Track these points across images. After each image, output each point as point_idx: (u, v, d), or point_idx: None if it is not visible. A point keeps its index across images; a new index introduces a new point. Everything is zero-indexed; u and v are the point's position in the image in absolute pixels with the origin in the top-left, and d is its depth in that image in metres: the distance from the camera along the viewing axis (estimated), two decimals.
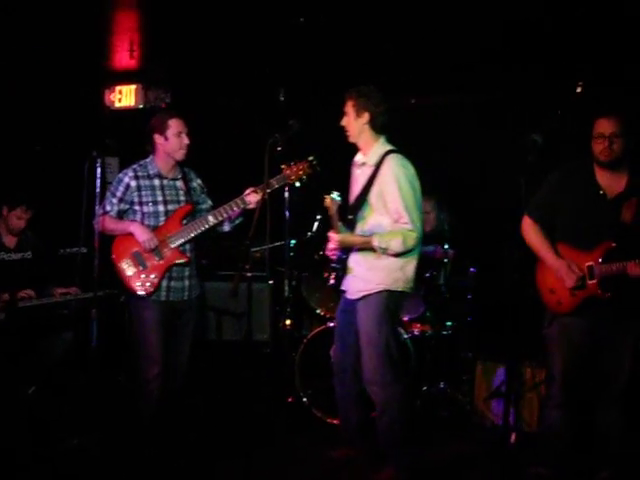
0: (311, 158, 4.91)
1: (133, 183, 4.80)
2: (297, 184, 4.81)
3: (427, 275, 6.15)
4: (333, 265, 4.76)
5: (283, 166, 4.75)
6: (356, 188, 4.78)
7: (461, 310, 6.25)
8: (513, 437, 5.09)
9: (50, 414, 5.46)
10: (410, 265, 4.64)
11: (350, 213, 4.72)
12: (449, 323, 6.20)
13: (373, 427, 4.73)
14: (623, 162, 4.27)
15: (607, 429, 4.39)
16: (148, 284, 4.73)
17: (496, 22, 5.75)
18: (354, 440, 4.91)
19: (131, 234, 4.75)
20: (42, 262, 5.73)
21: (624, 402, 4.35)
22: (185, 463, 4.91)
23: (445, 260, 6.14)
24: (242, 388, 5.70)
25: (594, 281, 4.22)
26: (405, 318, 6.18)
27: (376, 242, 4.50)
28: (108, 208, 4.80)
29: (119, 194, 4.80)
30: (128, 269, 4.73)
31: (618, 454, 4.41)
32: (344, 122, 4.73)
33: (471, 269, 6.21)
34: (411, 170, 4.62)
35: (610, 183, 4.29)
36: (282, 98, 7.60)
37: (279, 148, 4.57)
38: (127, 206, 4.82)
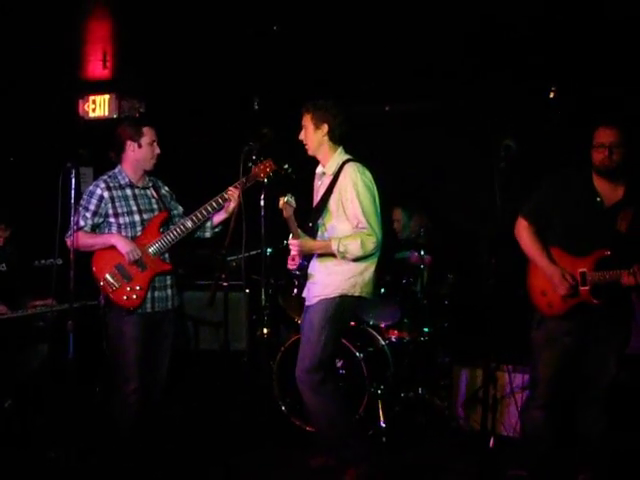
0: (286, 166, 4.91)
1: (106, 194, 4.69)
2: (265, 181, 4.84)
3: (404, 281, 6.17)
4: (295, 274, 4.78)
5: (251, 165, 4.76)
6: (316, 198, 4.84)
7: (438, 316, 6.28)
8: (492, 442, 5.11)
9: (27, 427, 5.42)
10: (369, 270, 4.69)
11: (310, 221, 4.74)
12: (426, 329, 6.22)
13: None
14: (622, 172, 4.28)
15: (589, 429, 4.41)
16: (134, 296, 4.65)
17: (469, 27, 5.79)
18: (331, 448, 4.91)
19: (112, 247, 4.65)
20: (16, 274, 5.69)
21: (606, 402, 4.38)
22: (164, 474, 4.89)
23: (421, 266, 6.17)
24: (220, 397, 5.68)
25: (586, 287, 4.25)
26: (382, 325, 6.20)
27: (334, 246, 4.55)
28: (82, 223, 4.66)
29: (93, 207, 4.68)
30: (113, 283, 4.62)
31: (599, 454, 4.43)
32: (302, 136, 4.77)
33: (448, 275, 6.23)
34: (369, 177, 4.67)
35: (608, 192, 4.30)
36: (256, 107, 7.61)
37: (254, 156, 4.58)
38: (101, 219, 4.71)
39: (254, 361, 6.53)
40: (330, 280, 4.65)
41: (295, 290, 4.86)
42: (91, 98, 8.07)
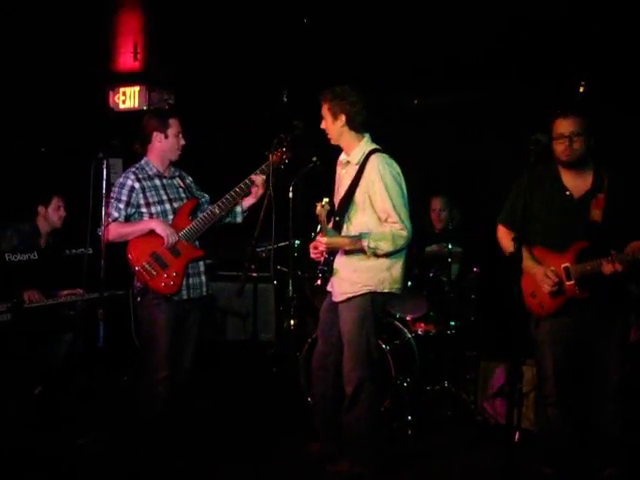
0: (314, 159, 4.93)
1: (137, 185, 4.76)
2: (282, 166, 4.87)
3: (431, 274, 6.17)
4: (320, 268, 4.76)
5: (267, 153, 4.77)
6: (341, 188, 4.78)
7: (465, 310, 6.27)
8: (517, 436, 5.11)
9: (56, 414, 5.48)
10: (397, 265, 4.65)
11: (336, 215, 4.70)
12: (453, 323, 6.21)
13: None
14: (587, 161, 4.28)
15: (606, 427, 4.38)
16: (172, 283, 4.71)
17: (501, 21, 5.76)
18: (330, 435, 4.95)
19: (146, 235, 4.71)
20: (47, 263, 5.75)
21: (623, 399, 4.35)
22: (190, 463, 4.93)
23: (449, 259, 6.16)
24: (247, 388, 5.71)
25: (572, 282, 4.22)
26: (409, 318, 6.20)
27: (365, 242, 4.50)
28: (116, 214, 4.72)
29: (125, 198, 4.74)
30: (150, 271, 4.68)
31: (620, 451, 4.41)
32: (323, 125, 4.72)
33: (475, 269, 6.22)
34: (396, 168, 4.62)
35: (576, 183, 4.30)
36: (285, 98, 7.62)
37: (284, 148, 4.60)
38: (133, 210, 4.77)
39: (281, 352, 6.56)
40: (357, 277, 4.63)
41: (319, 281, 4.82)
42: (121, 90, 8.13)
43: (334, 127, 4.67)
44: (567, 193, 4.30)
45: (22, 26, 6.09)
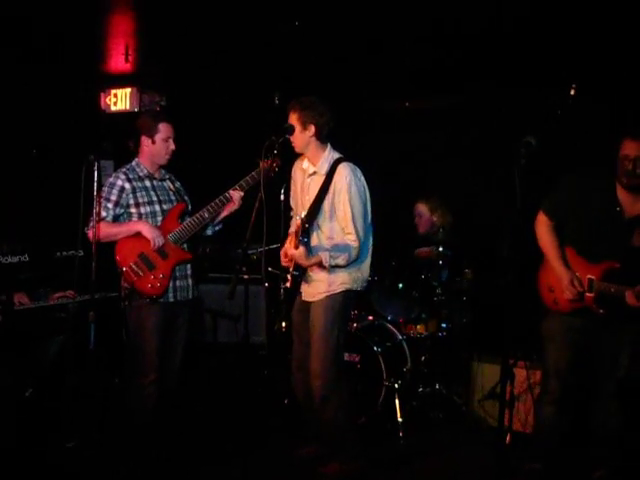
0: None
1: (127, 185, 4.76)
2: (272, 174, 4.88)
3: (423, 277, 6.18)
4: (292, 272, 4.80)
5: (258, 160, 4.75)
6: (305, 196, 4.86)
7: (456, 312, 6.28)
8: (508, 438, 5.12)
9: (47, 416, 5.46)
10: (366, 265, 4.86)
11: (306, 222, 4.68)
12: (444, 325, 6.22)
13: None
14: None
15: (604, 426, 4.40)
16: (158, 284, 4.71)
17: (488, 24, 5.77)
18: (320, 437, 4.96)
19: (134, 236, 4.72)
20: (38, 265, 5.73)
21: (622, 400, 4.37)
22: (181, 466, 4.92)
23: (440, 262, 6.16)
24: (239, 390, 5.71)
25: (592, 294, 4.24)
26: (400, 320, 6.22)
27: (325, 262, 4.64)
28: (104, 214, 4.72)
29: (114, 198, 4.74)
30: (137, 271, 4.68)
31: (615, 452, 4.42)
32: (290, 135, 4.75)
33: (466, 271, 6.23)
34: (361, 179, 4.75)
35: (629, 203, 4.28)
36: (277, 101, 7.62)
37: (275, 151, 4.60)
38: (122, 210, 4.77)
39: (272, 354, 6.56)
40: (335, 277, 4.73)
41: (288, 284, 4.88)
42: (112, 92, 8.12)
43: (302, 137, 4.73)
44: (618, 209, 4.28)
45: (13, 28, 6.08)
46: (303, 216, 4.49)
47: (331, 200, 4.71)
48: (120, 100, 8.13)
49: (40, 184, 7.30)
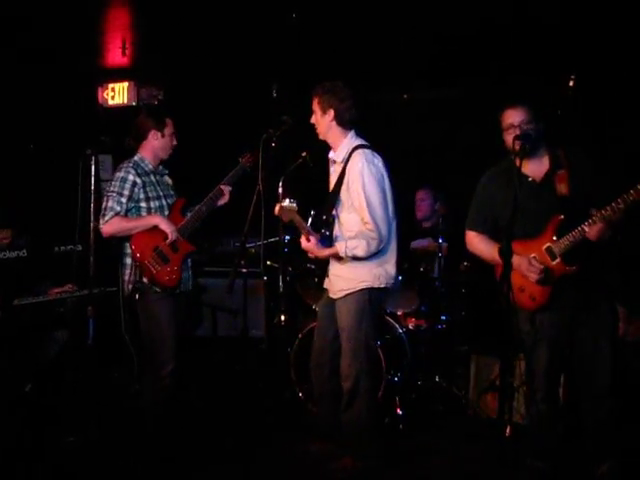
0: (304, 154, 4.92)
1: (138, 180, 4.82)
2: (248, 170, 5.04)
3: (421, 269, 6.17)
4: (311, 267, 4.79)
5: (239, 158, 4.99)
6: (331, 187, 4.81)
7: (455, 304, 6.27)
8: (508, 430, 5.11)
9: (46, 412, 5.46)
10: (390, 261, 4.68)
11: (324, 213, 4.71)
12: (444, 317, 6.21)
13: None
14: (540, 146, 4.28)
15: (602, 423, 4.36)
16: (174, 277, 4.83)
17: (487, 14, 5.77)
18: (333, 434, 4.94)
19: (148, 230, 4.78)
20: (37, 260, 5.72)
21: (619, 394, 4.35)
22: (181, 461, 4.92)
23: (439, 254, 6.16)
24: (238, 384, 5.71)
25: (557, 260, 4.19)
26: (399, 312, 6.21)
27: (342, 252, 4.54)
28: (118, 208, 4.75)
29: (127, 192, 4.78)
30: (155, 265, 4.76)
31: (615, 447, 4.40)
32: (313, 120, 4.72)
33: (465, 263, 6.22)
34: (377, 165, 4.60)
35: (534, 168, 4.29)
36: (275, 94, 7.60)
37: (273, 144, 4.59)
38: (132, 204, 4.83)
39: (272, 348, 6.55)
40: (353, 274, 4.62)
41: (316, 279, 4.88)
42: (110, 86, 8.11)
43: (322, 122, 4.66)
44: (529, 179, 4.29)
45: (9, 23, 6.06)
46: (289, 203, 4.42)
47: (346, 189, 4.61)
48: (118, 94, 8.12)
49: (37, 179, 7.29)
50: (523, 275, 4.27)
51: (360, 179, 4.51)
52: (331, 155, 4.81)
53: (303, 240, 4.63)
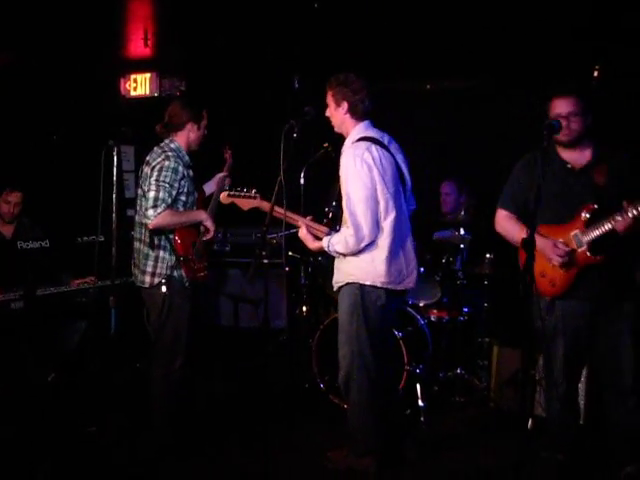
0: (326, 145, 4.91)
1: (185, 173, 4.78)
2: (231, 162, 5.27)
3: (444, 261, 6.15)
4: (319, 259, 4.78)
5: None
6: None
7: (477, 296, 6.25)
8: (530, 423, 5.09)
9: (69, 401, 5.50)
10: (379, 259, 4.47)
11: (329, 206, 4.71)
12: (466, 309, 6.19)
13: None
14: (584, 139, 4.26)
15: (625, 422, 4.31)
16: (206, 272, 4.94)
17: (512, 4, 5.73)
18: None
19: (191, 225, 4.83)
20: (59, 251, 5.75)
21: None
22: (202, 449, 4.94)
23: (462, 246, 6.13)
24: (259, 375, 5.72)
25: (583, 248, 4.16)
26: (421, 304, 6.19)
27: (325, 247, 4.52)
28: (170, 200, 4.67)
29: (177, 185, 4.71)
30: (195, 260, 4.83)
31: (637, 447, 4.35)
32: (327, 113, 4.67)
33: (487, 255, 6.18)
34: (367, 160, 4.39)
35: (575, 157, 4.27)
36: (297, 85, 7.59)
37: (295, 135, 4.58)
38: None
39: (293, 339, 6.56)
40: (345, 267, 4.58)
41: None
42: (132, 77, 8.14)
43: (336, 114, 4.60)
44: (568, 166, 4.27)
45: (34, 15, 6.08)
46: (233, 192, 4.58)
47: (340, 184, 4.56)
48: (140, 85, 8.14)
49: (60, 170, 7.32)
50: (546, 259, 4.24)
51: (344, 174, 4.44)
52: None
53: (301, 231, 4.61)
